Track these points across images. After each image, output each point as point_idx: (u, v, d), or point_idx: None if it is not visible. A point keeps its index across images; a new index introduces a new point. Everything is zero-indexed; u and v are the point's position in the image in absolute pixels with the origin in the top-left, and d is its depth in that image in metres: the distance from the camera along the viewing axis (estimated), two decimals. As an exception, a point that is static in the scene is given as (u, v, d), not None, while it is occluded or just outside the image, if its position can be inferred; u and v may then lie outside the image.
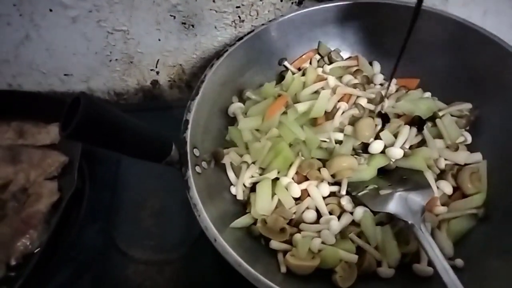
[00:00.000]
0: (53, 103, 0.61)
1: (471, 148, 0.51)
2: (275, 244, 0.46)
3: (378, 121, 0.50)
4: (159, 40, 0.68)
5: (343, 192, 0.48)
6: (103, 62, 0.71)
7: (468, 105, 0.53)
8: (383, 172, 0.50)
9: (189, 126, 0.49)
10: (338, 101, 0.51)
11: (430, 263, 0.43)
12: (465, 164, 0.50)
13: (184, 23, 0.66)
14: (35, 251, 0.50)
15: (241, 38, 0.56)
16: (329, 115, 0.51)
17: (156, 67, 0.73)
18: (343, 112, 0.51)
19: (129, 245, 0.53)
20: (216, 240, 0.41)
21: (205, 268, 0.52)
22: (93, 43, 0.67)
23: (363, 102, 0.52)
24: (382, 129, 0.50)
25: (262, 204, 0.47)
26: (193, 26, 0.66)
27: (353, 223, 0.47)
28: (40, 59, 0.69)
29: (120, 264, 0.52)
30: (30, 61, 0.69)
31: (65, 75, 0.72)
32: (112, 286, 0.51)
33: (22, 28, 0.63)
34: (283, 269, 0.44)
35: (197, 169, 0.47)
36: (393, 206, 0.44)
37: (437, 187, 0.48)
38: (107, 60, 0.70)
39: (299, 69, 0.60)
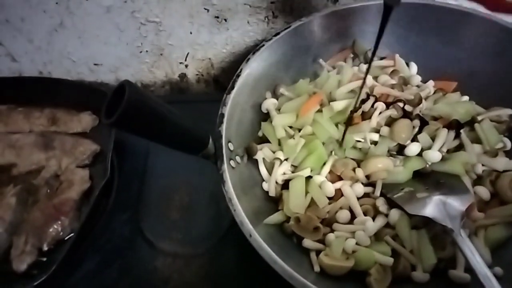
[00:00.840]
0: (85, 91, 0.62)
1: (510, 155, 0.50)
2: (308, 242, 0.45)
3: (416, 123, 0.49)
4: (191, 33, 0.68)
5: (378, 193, 0.47)
6: (133, 53, 0.71)
7: (509, 111, 0.52)
8: (418, 175, 0.49)
9: (225, 120, 0.48)
10: (375, 101, 0.51)
11: (467, 270, 0.42)
12: (504, 171, 0.49)
13: (217, 17, 0.66)
14: (66, 238, 0.50)
15: (278, 33, 0.55)
16: (366, 115, 0.50)
17: (186, 60, 0.73)
18: (380, 113, 0.50)
19: (157, 237, 0.53)
20: (252, 236, 0.40)
21: (232, 262, 0.52)
22: (125, 34, 0.67)
23: (400, 103, 0.51)
24: (419, 132, 0.49)
25: (295, 202, 0.46)
26: (225, 20, 0.66)
27: (387, 225, 0.46)
28: (72, 47, 0.69)
29: (147, 255, 0.52)
30: (61, 49, 0.69)
31: (94, 64, 0.73)
32: (139, 277, 0.51)
33: (57, 15, 0.64)
34: (317, 268, 0.43)
35: (232, 163, 0.47)
36: (431, 210, 0.43)
37: (474, 193, 0.47)
38: (137, 51, 0.71)
39: (334, 68, 0.59)
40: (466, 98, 0.54)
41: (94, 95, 0.60)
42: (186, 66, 0.74)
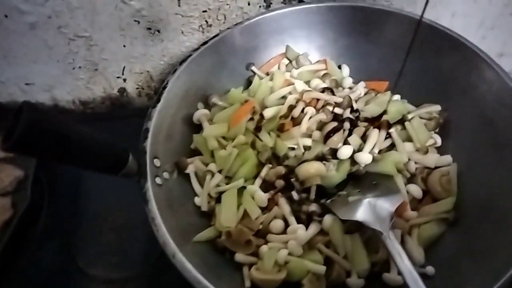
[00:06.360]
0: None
1: (441, 150, 0.50)
2: (240, 257, 0.44)
3: (346, 125, 0.49)
4: (124, 46, 0.66)
5: (312, 199, 0.46)
6: (66, 70, 0.68)
7: (437, 107, 0.52)
8: (353, 178, 0.48)
9: (149, 135, 0.46)
10: (306, 106, 0.50)
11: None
12: (436, 167, 0.49)
13: (149, 28, 0.64)
14: (-14, 273, 0.47)
15: (206, 42, 0.54)
16: (296, 121, 0.49)
17: (123, 74, 0.71)
18: (310, 117, 0.49)
19: (90, 263, 0.50)
20: (175, 257, 0.38)
21: (169, 285, 0.49)
22: (55, 51, 0.64)
23: (329, 107, 0.50)
24: (350, 134, 0.49)
25: (227, 216, 0.45)
26: (158, 31, 0.64)
27: (322, 232, 0.45)
28: (-2, 67, 0.65)
29: (80, 284, 0.49)
30: (-13, 71, 0.65)
31: (26, 84, 0.69)
32: (70, 308, 0.48)
33: (-24, 35, 0.60)
34: (248, 283, 0.42)
35: (158, 180, 0.45)
36: (361, 214, 0.42)
37: (407, 192, 0.46)
38: (70, 67, 0.68)
39: (267, 74, 0.58)
40: (397, 97, 0.55)
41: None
42: (125, 80, 0.72)
